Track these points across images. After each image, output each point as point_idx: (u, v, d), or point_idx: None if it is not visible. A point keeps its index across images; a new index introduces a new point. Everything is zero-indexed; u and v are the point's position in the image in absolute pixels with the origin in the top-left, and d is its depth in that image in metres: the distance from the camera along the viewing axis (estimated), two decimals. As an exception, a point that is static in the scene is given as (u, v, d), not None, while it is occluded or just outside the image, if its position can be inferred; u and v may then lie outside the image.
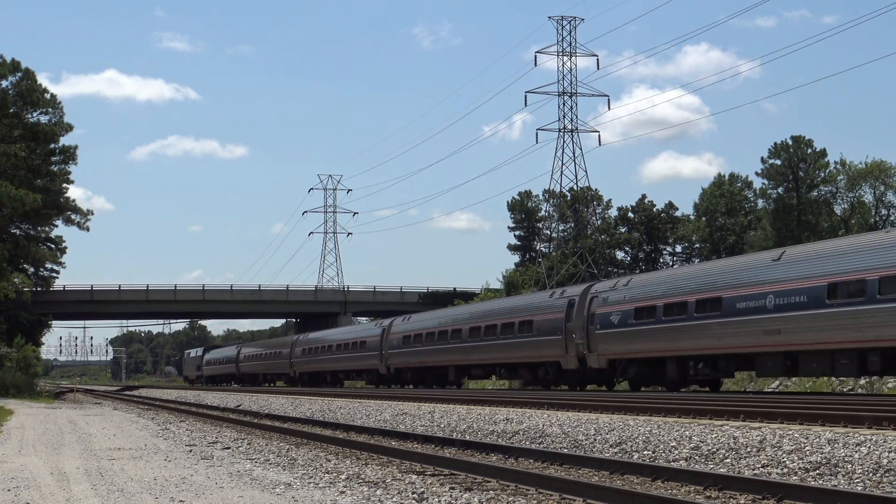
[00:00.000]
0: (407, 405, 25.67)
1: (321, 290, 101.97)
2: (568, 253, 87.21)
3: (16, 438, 18.16)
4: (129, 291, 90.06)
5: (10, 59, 61.66)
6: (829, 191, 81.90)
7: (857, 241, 24.75)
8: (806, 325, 23.96)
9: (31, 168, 64.01)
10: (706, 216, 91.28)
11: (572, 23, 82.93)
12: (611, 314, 31.92)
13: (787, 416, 15.19)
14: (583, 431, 15.47)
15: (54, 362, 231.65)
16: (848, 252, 23.90)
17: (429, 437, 16.43)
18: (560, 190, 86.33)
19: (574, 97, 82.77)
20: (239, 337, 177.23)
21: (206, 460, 13.43)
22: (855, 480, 9.81)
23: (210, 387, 77.06)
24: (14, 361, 57.20)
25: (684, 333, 28.27)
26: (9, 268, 61.13)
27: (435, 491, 9.93)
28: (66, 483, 10.82)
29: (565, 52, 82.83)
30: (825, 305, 23.50)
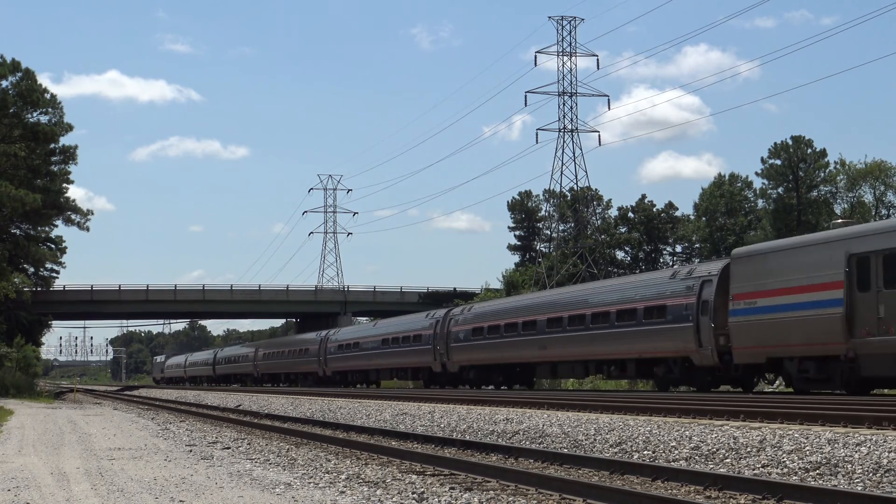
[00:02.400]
0: (407, 405, 25.67)
1: (321, 290, 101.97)
2: (568, 253, 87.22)
3: (16, 438, 18.16)
4: (129, 291, 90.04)
5: (10, 59, 61.74)
6: (829, 191, 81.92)
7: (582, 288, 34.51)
8: (559, 343, 34.80)
9: (31, 168, 64.03)
10: (706, 216, 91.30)
11: (572, 23, 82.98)
12: (459, 332, 42.38)
13: (787, 416, 15.19)
14: (583, 431, 15.47)
15: (54, 362, 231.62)
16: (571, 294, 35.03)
17: (429, 437, 16.43)
18: (560, 190, 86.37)
19: (574, 97, 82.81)
20: (239, 337, 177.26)
21: (206, 460, 13.43)
22: (855, 480, 9.81)
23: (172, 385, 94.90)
24: (14, 361, 57.20)
25: (499, 348, 39.05)
26: (9, 268, 61.15)
27: (435, 491, 9.93)
28: (66, 483, 10.82)
29: (565, 52, 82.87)
30: (567, 329, 34.32)
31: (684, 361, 28.90)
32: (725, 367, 27.68)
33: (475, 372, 41.64)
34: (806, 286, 23.88)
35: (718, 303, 27.43)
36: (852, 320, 22.39)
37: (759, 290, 25.46)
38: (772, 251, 26.07)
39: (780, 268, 24.92)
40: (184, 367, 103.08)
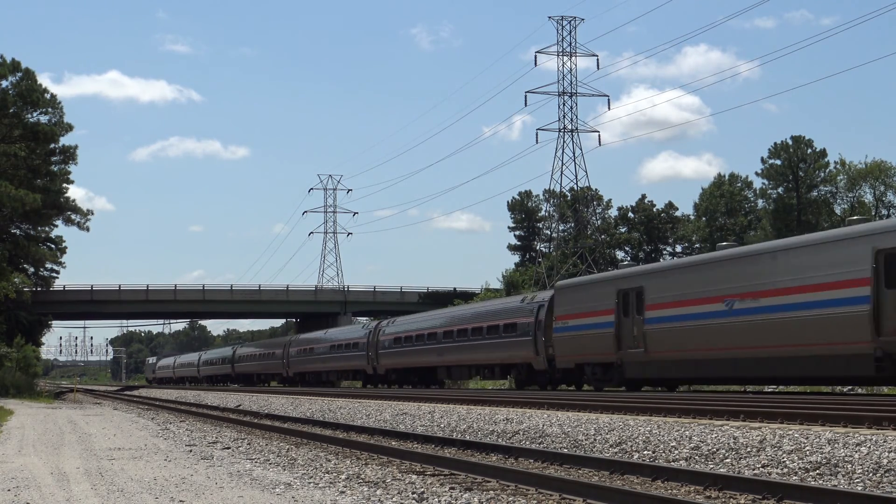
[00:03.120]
0: (407, 405, 25.67)
1: (321, 290, 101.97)
2: (568, 253, 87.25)
3: (16, 438, 18.16)
4: (129, 291, 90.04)
5: (10, 59, 61.78)
6: (829, 191, 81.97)
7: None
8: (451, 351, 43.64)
9: (31, 168, 64.02)
10: (706, 216, 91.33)
11: (572, 23, 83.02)
12: (385, 341, 50.95)
13: (787, 416, 15.18)
14: (583, 431, 15.47)
15: (54, 362, 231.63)
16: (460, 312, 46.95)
17: (429, 437, 16.43)
18: (560, 190, 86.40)
19: (574, 97, 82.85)
20: (239, 337, 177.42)
21: (206, 460, 13.43)
22: (855, 480, 9.81)
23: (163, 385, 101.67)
24: (14, 361, 57.19)
25: (412, 355, 47.56)
26: (9, 268, 61.14)
27: (435, 491, 9.93)
28: (66, 483, 10.82)
29: (565, 53, 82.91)
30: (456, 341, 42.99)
31: (528, 366, 37.37)
32: (553, 371, 35.53)
33: (396, 374, 50.80)
34: (594, 311, 31.84)
35: (548, 322, 35.41)
36: (620, 338, 30.34)
37: (569, 314, 33.42)
38: (576, 285, 34.56)
39: (581, 298, 32.95)
40: (173, 367, 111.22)
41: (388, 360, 50.61)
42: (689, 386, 32.91)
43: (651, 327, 29.07)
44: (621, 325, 30.27)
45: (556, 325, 34.07)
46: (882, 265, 21.99)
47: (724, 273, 26.90)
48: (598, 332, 31.35)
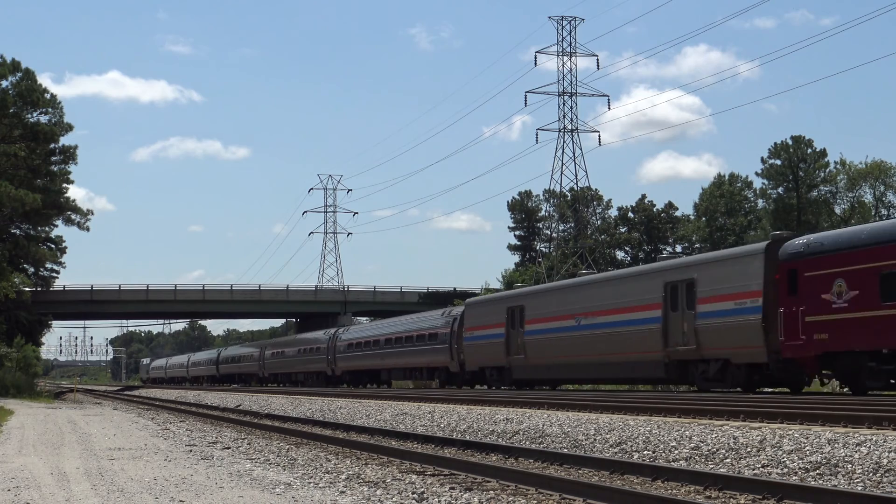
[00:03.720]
0: (407, 405, 25.67)
1: (321, 290, 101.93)
2: (568, 253, 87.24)
3: (16, 438, 18.16)
4: (129, 291, 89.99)
5: (10, 59, 61.73)
6: (829, 191, 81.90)
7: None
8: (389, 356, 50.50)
9: (31, 168, 63.95)
10: (706, 216, 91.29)
11: (572, 23, 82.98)
12: (341, 346, 57.64)
13: (787, 416, 15.18)
14: (583, 431, 15.46)
15: (54, 362, 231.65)
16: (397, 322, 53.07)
17: (429, 437, 16.43)
18: (560, 190, 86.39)
19: (574, 97, 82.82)
20: (239, 337, 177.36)
21: (206, 460, 13.42)
22: (855, 480, 9.81)
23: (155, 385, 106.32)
24: (14, 361, 57.17)
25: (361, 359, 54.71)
26: (9, 268, 61.10)
27: (435, 491, 9.93)
28: (66, 483, 10.82)
29: (565, 53, 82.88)
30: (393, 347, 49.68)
31: (446, 369, 44.24)
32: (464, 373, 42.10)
33: (350, 375, 57.53)
34: (491, 325, 38.65)
35: (460, 333, 42.09)
36: (508, 346, 36.93)
37: (475, 326, 40.38)
38: (480, 302, 42.60)
39: (483, 313, 40.14)
40: (165, 368, 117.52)
41: (344, 364, 57.53)
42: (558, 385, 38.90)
43: (529, 338, 35.88)
44: (509, 337, 37.15)
45: (466, 336, 41.23)
46: (668, 294, 28.79)
47: (575, 296, 33.91)
48: (493, 341, 38.37)
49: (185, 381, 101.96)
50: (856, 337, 22.34)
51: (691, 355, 27.83)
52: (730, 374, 26.71)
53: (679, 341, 28.19)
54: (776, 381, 26.80)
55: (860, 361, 22.38)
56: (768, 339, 24.96)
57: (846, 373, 23.21)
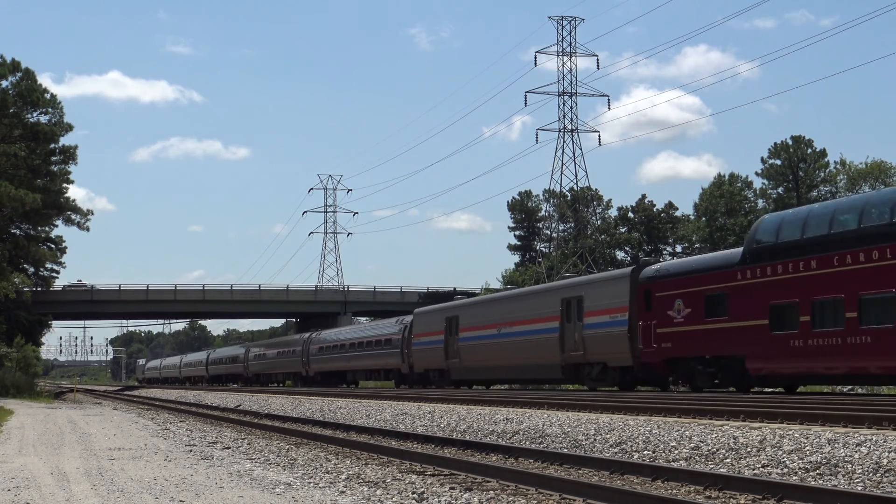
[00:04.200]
0: (407, 405, 25.67)
1: (321, 290, 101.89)
2: (568, 253, 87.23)
3: (16, 438, 18.16)
4: (129, 291, 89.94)
5: (10, 59, 61.73)
6: (829, 191, 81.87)
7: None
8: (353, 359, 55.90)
9: (31, 168, 63.93)
10: (706, 216, 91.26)
11: (572, 23, 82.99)
12: (314, 349, 63.45)
13: (787, 416, 15.18)
14: (583, 431, 15.46)
15: (54, 362, 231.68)
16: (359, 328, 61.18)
17: (429, 437, 16.43)
18: (560, 190, 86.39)
19: (574, 97, 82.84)
20: (239, 337, 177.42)
21: (206, 460, 13.42)
22: (855, 480, 9.81)
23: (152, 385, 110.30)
24: (14, 361, 57.16)
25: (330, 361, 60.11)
26: (9, 268, 61.09)
27: (435, 491, 9.93)
28: (66, 483, 10.82)
29: (565, 53, 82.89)
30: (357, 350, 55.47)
31: (398, 370, 49.91)
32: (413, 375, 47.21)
33: (322, 376, 62.22)
34: (433, 332, 43.92)
35: (410, 339, 47.26)
36: (447, 351, 42.34)
37: (421, 333, 45.63)
38: (425, 312, 46.38)
39: (427, 322, 45.29)
40: (159, 369, 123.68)
41: (316, 365, 62.98)
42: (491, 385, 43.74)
43: (463, 344, 41.20)
44: (447, 343, 42.35)
45: (414, 342, 46.53)
46: (564, 308, 33.80)
47: (497, 309, 39.44)
48: (435, 347, 43.51)
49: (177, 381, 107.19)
50: (689, 345, 27.47)
51: (580, 359, 33.02)
52: (608, 375, 31.82)
53: (572, 348, 33.27)
54: (644, 381, 31.63)
55: (693, 365, 27.47)
56: (633, 347, 29.98)
57: (684, 375, 28.34)
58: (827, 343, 23.05)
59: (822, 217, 24.03)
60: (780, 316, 24.40)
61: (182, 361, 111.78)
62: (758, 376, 25.77)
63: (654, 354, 28.70)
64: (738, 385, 26.84)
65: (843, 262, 22.73)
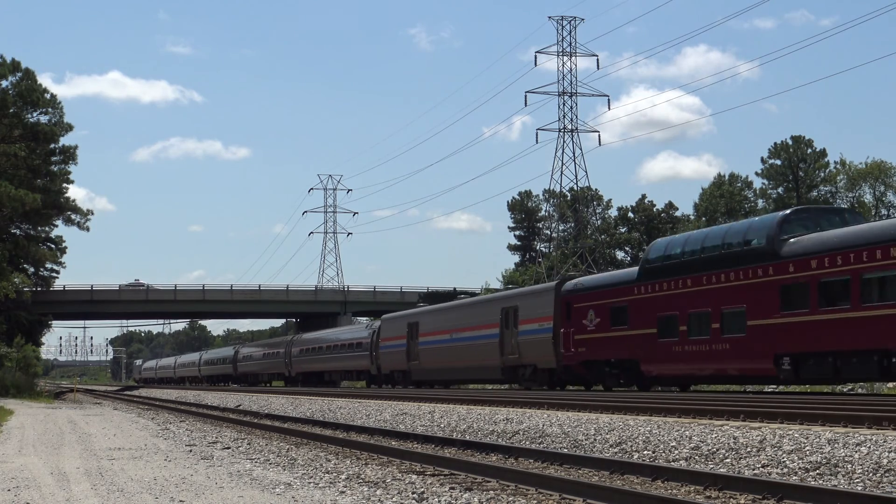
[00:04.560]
0: (407, 405, 25.67)
1: (321, 290, 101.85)
2: (568, 253, 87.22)
3: (16, 438, 18.16)
4: (129, 291, 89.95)
5: (10, 59, 61.71)
6: (829, 191, 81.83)
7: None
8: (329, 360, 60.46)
9: (31, 168, 63.90)
10: (706, 216, 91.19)
11: (572, 23, 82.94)
12: (295, 351, 68.09)
13: (787, 416, 15.18)
14: (583, 431, 15.46)
15: (54, 362, 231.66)
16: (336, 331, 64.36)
17: (429, 437, 16.42)
18: (560, 190, 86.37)
19: (574, 97, 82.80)
20: (239, 337, 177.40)
21: (206, 460, 13.42)
22: (855, 480, 9.81)
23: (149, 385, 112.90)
24: (14, 361, 57.14)
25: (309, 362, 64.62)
26: (9, 268, 61.05)
27: (435, 491, 9.93)
28: (66, 483, 10.82)
29: (565, 53, 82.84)
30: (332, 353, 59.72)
31: (367, 372, 54.11)
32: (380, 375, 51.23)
33: (303, 376, 66.86)
34: (397, 337, 47.92)
35: (378, 343, 51.43)
36: (409, 354, 46.08)
37: (387, 338, 49.77)
38: (391, 318, 50.48)
39: (392, 327, 49.36)
40: (155, 369, 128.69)
41: (297, 367, 67.85)
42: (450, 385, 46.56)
43: (422, 348, 44.92)
44: (409, 346, 46.13)
45: (381, 345, 50.63)
46: (503, 317, 37.65)
47: (450, 316, 43.20)
48: (398, 350, 47.45)
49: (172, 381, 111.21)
50: (599, 350, 31.51)
51: (516, 362, 36.86)
52: (539, 376, 35.61)
53: (509, 352, 37.13)
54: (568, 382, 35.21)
55: (602, 367, 31.64)
56: (556, 351, 33.69)
57: (596, 376, 32.49)
58: (698, 349, 27.11)
59: (697, 242, 28.06)
60: (666, 326, 28.32)
61: (176, 362, 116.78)
62: (650, 377, 29.85)
63: (572, 358, 32.83)
64: (639, 384, 30.75)
65: (710, 281, 26.76)
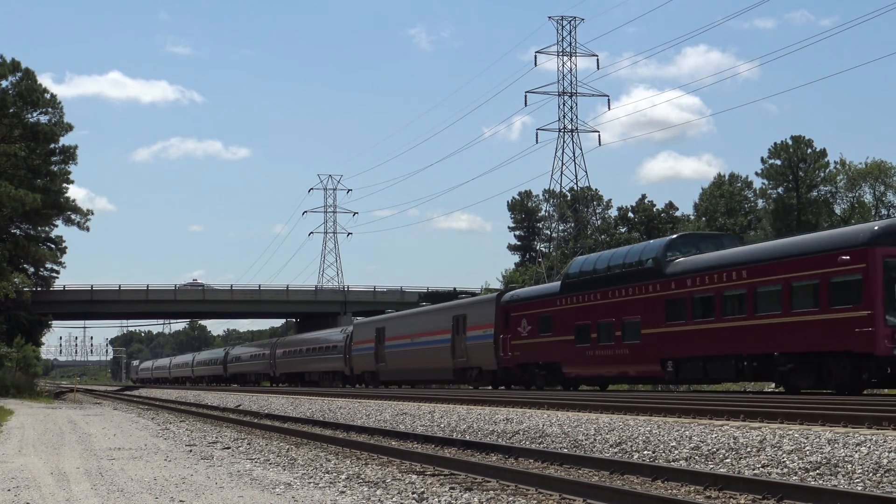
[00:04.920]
0: (407, 405, 25.67)
1: (321, 290, 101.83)
2: (568, 253, 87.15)
3: (16, 438, 18.16)
4: (129, 291, 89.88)
5: (10, 59, 61.69)
6: (829, 191, 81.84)
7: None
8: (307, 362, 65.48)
9: (31, 168, 63.89)
10: (706, 216, 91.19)
11: (572, 23, 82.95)
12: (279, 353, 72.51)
13: (787, 416, 15.18)
14: (583, 431, 15.46)
15: (54, 362, 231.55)
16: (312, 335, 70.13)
17: (429, 437, 16.42)
18: (560, 190, 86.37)
19: (574, 97, 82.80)
20: (239, 337, 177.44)
21: (206, 460, 13.42)
22: (855, 480, 9.81)
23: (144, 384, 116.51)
24: (14, 361, 57.14)
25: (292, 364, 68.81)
26: (9, 268, 61.04)
27: (435, 491, 9.93)
28: (66, 483, 10.82)
29: (565, 53, 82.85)
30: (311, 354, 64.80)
31: (342, 373, 58.41)
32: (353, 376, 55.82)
33: (285, 376, 71.92)
34: (367, 340, 52.69)
35: (351, 346, 55.78)
36: (377, 356, 50.66)
37: (359, 341, 54.23)
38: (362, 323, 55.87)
39: (363, 332, 54.05)
40: (151, 370, 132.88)
41: (281, 368, 72.56)
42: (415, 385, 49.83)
43: (388, 351, 49.72)
44: (377, 349, 50.70)
45: (354, 348, 55.09)
46: (454, 323, 42.32)
47: (411, 322, 47.73)
48: (368, 352, 52.13)
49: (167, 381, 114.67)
50: (530, 354, 35.87)
51: (465, 365, 41.59)
52: (484, 377, 40.63)
53: (459, 355, 41.75)
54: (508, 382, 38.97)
55: (533, 369, 35.99)
56: (497, 355, 38.15)
57: (528, 377, 36.47)
58: (606, 354, 31.39)
59: (605, 261, 32.55)
60: (581, 333, 32.58)
61: (171, 363, 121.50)
62: (570, 378, 34.12)
63: (509, 361, 37.25)
64: (563, 385, 34.99)
65: (614, 295, 30.94)
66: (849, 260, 22.53)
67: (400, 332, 48.40)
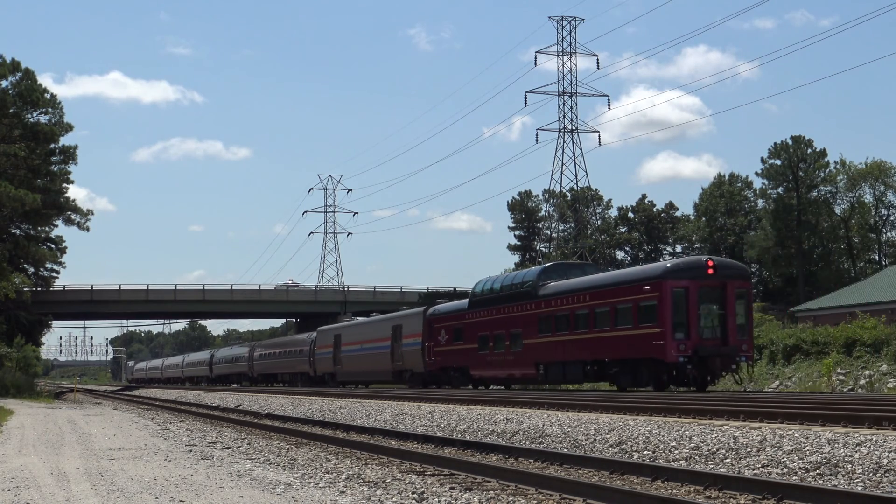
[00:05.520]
0: (407, 405, 25.66)
1: (321, 290, 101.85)
2: (568, 253, 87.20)
3: (16, 438, 18.16)
4: (129, 291, 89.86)
5: (10, 59, 61.70)
6: (828, 191, 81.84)
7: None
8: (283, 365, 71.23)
9: (31, 168, 63.87)
10: (706, 216, 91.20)
11: (572, 23, 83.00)
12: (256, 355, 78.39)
13: (787, 416, 15.18)
14: (583, 431, 15.46)
15: (54, 362, 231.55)
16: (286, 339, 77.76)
17: (429, 437, 16.42)
18: (560, 190, 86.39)
19: (574, 97, 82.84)
20: (239, 337, 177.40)
21: (206, 460, 13.42)
22: (855, 480, 9.81)
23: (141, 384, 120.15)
24: (14, 361, 57.13)
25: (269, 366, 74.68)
26: (9, 268, 61.05)
27: (435, 491, 9.93)
28: (66, 483, 10.82)
29: (565, 53, 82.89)
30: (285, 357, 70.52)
31: (307, 374, 63.93)
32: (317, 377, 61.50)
33: (262, 377, 77.45)
34: (327, 346, 58.69)
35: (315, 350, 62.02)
36: (335, 360, 56.79)
37: (321, 346, 60.43)
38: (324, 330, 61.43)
39: (324, 338, 60.03)
40: (146, 370, 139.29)
41: (258, 369, 78.18)
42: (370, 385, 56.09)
43: (343, 355, 55.85)
44: (335, 354, 56.90)
45: (317, 352, 61.48)
46: (393, 332, 48.07)
47: (362, 330, 54.30)
48: (328, 356, 58.35)
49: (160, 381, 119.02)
50: (447, 360, 42.15)
51: (402, 367, 47.50)
52: (415, 379, 45.86)
53: (397, 360, 47.64)
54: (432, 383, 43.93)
55: (450, 371, 42.32)
56: (424, 360, 44.07)
57: (448, 379, 42.52)
58: (499, 359, 37.66)
59: (499, 282, 39.10)
60: (482, 342, 38.84)
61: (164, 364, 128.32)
62: (476, 379, 40.56)
63: (432, 365, 43.38)
64: (473, 384, 40.96)
65: (505, 311, 37.18)
66: (649, 290, 29.09)
67: (353, 339, 54.75)
